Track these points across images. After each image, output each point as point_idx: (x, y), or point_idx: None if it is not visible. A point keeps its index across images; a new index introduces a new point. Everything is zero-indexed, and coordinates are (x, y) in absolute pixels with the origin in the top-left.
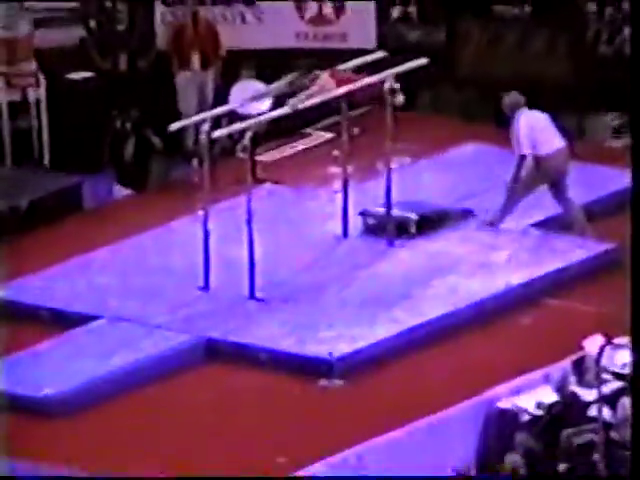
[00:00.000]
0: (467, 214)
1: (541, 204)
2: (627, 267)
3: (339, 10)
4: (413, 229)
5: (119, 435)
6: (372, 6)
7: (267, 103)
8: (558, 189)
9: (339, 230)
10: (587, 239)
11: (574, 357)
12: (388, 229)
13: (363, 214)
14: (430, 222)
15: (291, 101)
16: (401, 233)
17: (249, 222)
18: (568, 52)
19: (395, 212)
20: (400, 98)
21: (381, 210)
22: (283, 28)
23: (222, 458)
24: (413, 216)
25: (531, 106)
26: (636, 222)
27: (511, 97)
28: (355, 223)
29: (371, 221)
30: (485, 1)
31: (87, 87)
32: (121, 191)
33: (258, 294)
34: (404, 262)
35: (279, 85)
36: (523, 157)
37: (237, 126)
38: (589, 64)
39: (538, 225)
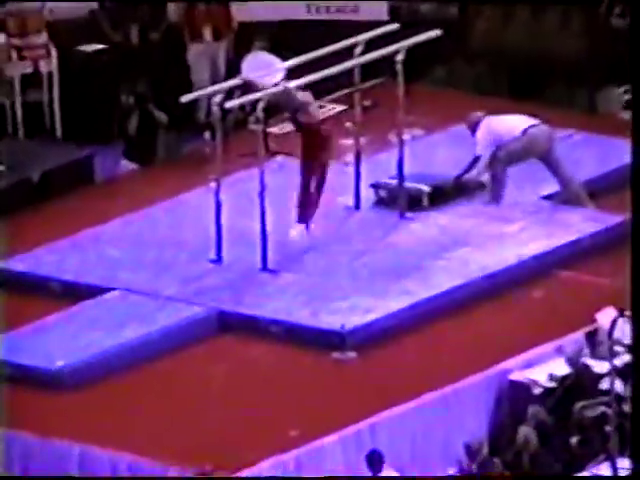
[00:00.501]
0: (480, 186)
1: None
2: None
3: None
4: (425, 201)
5: (131, 407)
6: None
7: (279, 75)
8: (549, 166)
9: (351, 202)
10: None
11: (587, 329)
12: (400, 201)
13: (375, 186)
14: (443, 194)
15: None
16: (413, 205)
17: (261, 194)
18: (581, 26)
19: (407, 184)
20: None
21: (393, 182)
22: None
23: (234, 430)
24: (425, 188)
25: (544, 79)
26: (637, 198)
27: (471, 116)
28: (367, 195)
29: (383, 193)
30: None
31: (98, 59)
32: (127, 165)
33: (270, 266)
34: (416, 234)
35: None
36: (477, 158)
37: (249, 97)
38: (602, 37)
39: (549, 198)
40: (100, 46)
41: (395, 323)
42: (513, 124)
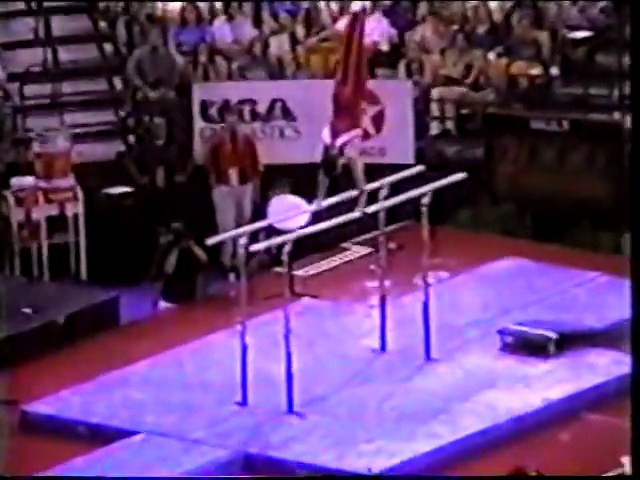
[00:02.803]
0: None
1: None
2: None
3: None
4: (552, 349)
5: None
6: (410, 121)
7: (305, 218)
8: None
9: (377, 344)
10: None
11: (613, 473)
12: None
13: (501, 332)
14: (570, 342)
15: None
16: (539, 352)
17: (287, 337)
18: (606, 167)
19: (534, 331)
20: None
21: (520, 328)
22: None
23: None
24: (552, 335)
25: (569, 222)
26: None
27: None
28: (392, 338)
29: (509, 339)
30: (523, 117)
31: (124, 202)
32: (165, 305)
33: (296, 409)
34: (442, 377)
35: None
36: None
37: (275, 240)
38: (627, 179)
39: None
40: (126, 189)
41: (421, 466)
42: None
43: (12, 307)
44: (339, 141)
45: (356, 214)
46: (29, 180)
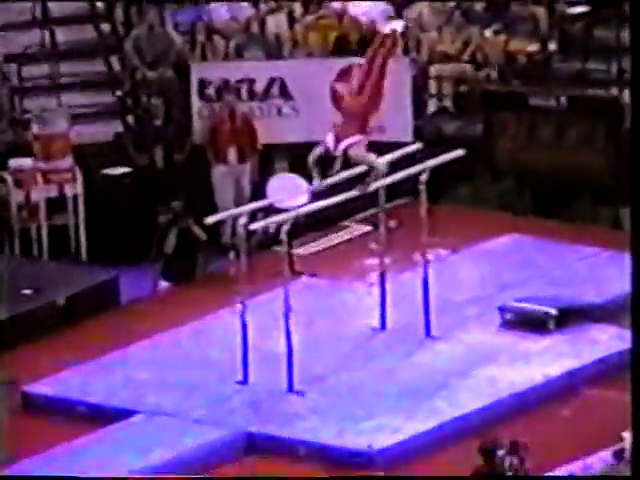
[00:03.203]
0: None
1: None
2: None
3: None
4: (552, 325)
5: None
6: (409, 99)
7: (304, 197)
8: None
9: (377, 322)
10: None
11: (614, 448)
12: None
13: (502, 309)
14: (571, 317)
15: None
16: (540, 328)
17: (287, 315)
18: (604, 143)
19: (535, 306)
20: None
21: (520, 305)
22: (320, 121)
23: None
24: (553, 311)
25: (568, 197)
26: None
27: None
28: (392, 315)
29: (509, 316)
30: (521, 93)
31: (123, 182)
32: (164, 284)
33: (297, 387)
34: (443, 353)
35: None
36: None
37: (274, 219)
38: (626, 154)
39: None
40: (125, 169)
41: (423, 443)
42: None
43: (12, 288)
44: (343, 145)
45: (355, 192)
46: (28, 161)
